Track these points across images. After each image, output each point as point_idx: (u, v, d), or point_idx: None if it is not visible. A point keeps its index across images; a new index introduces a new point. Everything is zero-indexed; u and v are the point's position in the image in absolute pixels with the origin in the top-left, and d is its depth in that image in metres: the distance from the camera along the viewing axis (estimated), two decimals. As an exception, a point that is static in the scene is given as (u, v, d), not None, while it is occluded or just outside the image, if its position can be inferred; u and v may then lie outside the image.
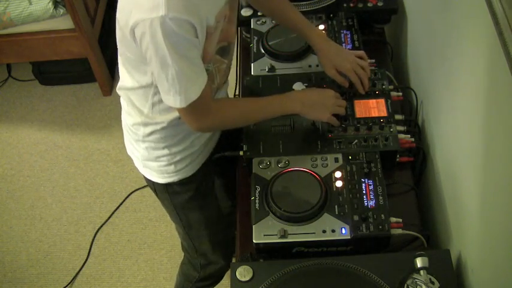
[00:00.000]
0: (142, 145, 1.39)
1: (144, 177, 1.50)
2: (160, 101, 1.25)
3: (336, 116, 1.35)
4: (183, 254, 1.80)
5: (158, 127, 1.33)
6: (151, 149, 1.39)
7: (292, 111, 1.33)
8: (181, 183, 1.45)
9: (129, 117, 1.39)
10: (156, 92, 1.24)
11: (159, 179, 1.45)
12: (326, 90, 1.38)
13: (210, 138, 1.46)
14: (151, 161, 1.42)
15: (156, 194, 1.55)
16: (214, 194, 1.65)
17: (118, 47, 1.26)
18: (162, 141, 1.36)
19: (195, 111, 1.19)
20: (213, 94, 1.34)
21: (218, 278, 1.82)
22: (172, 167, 1.41)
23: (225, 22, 1.22)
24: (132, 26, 1.08)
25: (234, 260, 1.26)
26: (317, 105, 1.34)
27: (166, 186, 1.46)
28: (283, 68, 1.53)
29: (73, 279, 2.25)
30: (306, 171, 1.28)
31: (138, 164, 1.48)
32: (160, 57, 1.08)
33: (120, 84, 1.36)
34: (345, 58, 1.41)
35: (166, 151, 1.38)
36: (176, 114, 1.29)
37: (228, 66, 1.38)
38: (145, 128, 1.34)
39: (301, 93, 1.38)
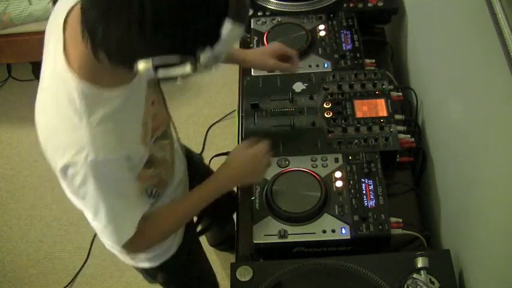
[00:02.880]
0: None
1: (134, 266, 1.45)
2: None
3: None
4: None
5: None
6: None
7: (226, 190, 1.24)
8: (174, 257, 1.39)
9: None
10: None
11: (151, 263, 1.39)
12: (254, 153, 1.23)
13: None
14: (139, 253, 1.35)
15: (150, 277, 1.49)
16: (201, 247, 1.63)
17: None
18: None
19: (130, 245, 1.10)
20: (171, 158, 1.29)
21: None
22: (161, 250, 1.35)
23: (154, 107, 1.13)
24: (63, 168, 0.96)
25: (234, 260, 1.26)
26: (247, 171, 1.23)
27: (160, 267, 1.40)
28: (283, 68, 1.53)
29: (73, 279, 2.25)
30: (306, 171, 1.28)
31: (125, 258, 1.40)
32: (93, 202, 1.00)
33: None
34: (267, 47, 1.43)
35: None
36: (146, 207, 1.21)
37: (172, 140, 1.30)
38: None
39: (225, 171, 1.23)
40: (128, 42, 0.80)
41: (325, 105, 1.42)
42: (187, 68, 0.83)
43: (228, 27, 0.81)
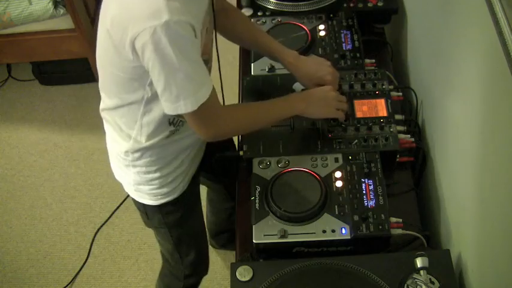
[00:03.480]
0: (133, 170, 1.37)
1: (134, 200, 1.48)
2: (149, 122, 1.24)
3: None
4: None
5: (148, 150, 1.31)
6: (142, 173, 1.37)
7: (298, 112, 1.31)
8: (174, 202, 1.44)
9: (115, 145, 1.36)
10: (146, 112, 1.23)
11: (152, 201, 1.43)
12: (325, 87, 1.35)
13: (197, 153, 1.44)
14: (143, 185, 1.40)
15: (146, 216, 1.52)
16: (201, 206, 1.64)
17: (101, 70, 1.24)
18: (153, 164, 1.34)
19: (205, 115, 1.16)
20: None
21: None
22: (165, 189, 1.40)
23: (206, 35, 1.21)
24: (131, 39, 1.05)
25: (234, 260, 1.26)
26: (321, 103, 1.32)
27: (159, 207, 1.44)
28: (283, 68, 1.53)
29: (73, 279, 2.25)
30: (306, 171, 1.28)
31: (128, 188, 1.45)
32: (168, 64, 1.05)
33: (103, 105, 1.33)
34: (322, 70, 1.39)
35: (158, 174, 1.36)
36: (165, 134, 1.28)
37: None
38: (134, 153, 1.32)
39: (303, 93, 1.37)
40: None
41: (325, 105, 1.41)
42: None
43: None
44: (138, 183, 1.40)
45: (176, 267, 1.69)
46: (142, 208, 1.49)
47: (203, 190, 1.77)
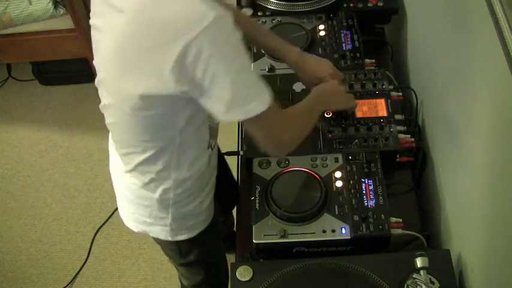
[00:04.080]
0: (172, 209, 1.26)
1: (167, 241, 1.35)
2: (184, 152, 1.16)
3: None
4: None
5: (189, 181, 1.22)
6: (181, 207, 1.26)
7: (323, 108, 1.33)
8: (207, 230, 1.36)
9: (146, 189, 1.23)
10: (181, 145, 1.13)
11: (188, 234, 1.33)
12: (332, 81, 1.35)
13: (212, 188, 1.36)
14: (182, 220, 1.30)
15: (180, 254, 1.41)
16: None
17: (119, 121, 1.12)
18: (193, 192, 1.25)
19: (274, 118, 1.05)
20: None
21: None
22: (201, 217, 1.32)
23: None
24: (181, 53, 0.91)
25: (234, 260, 1.26)
26: (337, 95, 1.34)
27: (196, 238, 1.35)
28: (283, 68, 1.53)
29: (73, 279, 2.25)
30: (306, 171, 1.28)
31: (162, 234, 1.32)
32: (230, 62, 0.95)
33: (127, 166, 1.22)
34: (323, 71, 1.36)
35: (196, 202, 1.28)
36: (204, 160, 1.21)
37: None
38: (176, 189, 1.22)
39: (318, 92, 1.29)
40: None
41: (325, 105, 1.41)
42: None
43: None
44: (178, 220, 1.29)
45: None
46: (175, 246, 1.37)
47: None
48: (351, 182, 1.26)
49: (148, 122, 1.07)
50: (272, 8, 1.70)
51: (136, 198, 1.28)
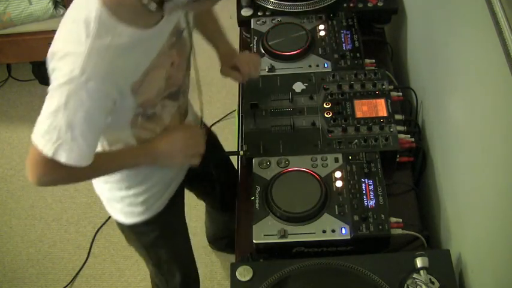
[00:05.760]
0: (105, 186, 1.36)
1: (112, 217, 1.47)
2: (116, 141, 1.21)
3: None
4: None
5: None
6: (114, 190, 1.35)
7: (145, 165, 1.27)
8: (147, 223, 1.41)
9: None
10: (108, 132, 1.18)
11: (125, 219, 1.41)
12: (177, 134, 1.26)
13: (176, 176, 1.42)
14: (115, 202, 1.39)
15: (123, 233, 1.51)
16: (184, 227, 1.62)
17: None
18: (123, 182, 1.32)
19: (46, 167, 1.05)
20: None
21: None
22: (136, 208, 1.37)
23: (173, 69, 1.16)
24: (51, 55, 1.00)
25: (234, 260, 1.26)
26: (169, 156, 1.24)
27: (132, 226, 1.42)
28: (283, 68, 1.53)
29: (73, 279, 2.25)
30: (306, 171, 1.28)
31: (105, 203, 1.44)
32: (63, 105, 0.98)
33: None
34: (241, 56, 1.41)
35: (128, 192, 1.34)
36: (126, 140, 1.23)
37: (182, 107, 1.32)
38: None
39: (149, 148, 1.23)
40: None
41: (325, 105, 1.42)
42: None
43: None
44: (112, 200, 1.39)
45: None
46: (119, 226, 1.47)
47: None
48: (351, 182, 1.26)
49: None
50: (272, 8, 1.70)
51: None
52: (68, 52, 0.98)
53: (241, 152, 1.37)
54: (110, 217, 2.39)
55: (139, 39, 1.04)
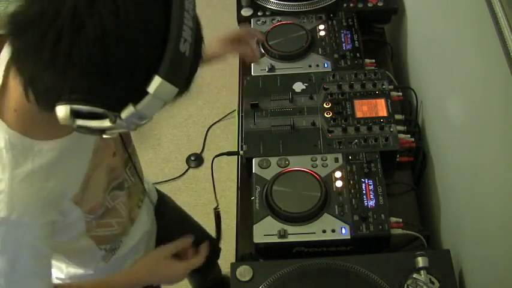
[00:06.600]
0: None
1: None
2: (73, 252, 1.13)
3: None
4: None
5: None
6: None
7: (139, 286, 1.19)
8: None
9: None
10: (61, 248, 1.09)
11: None
12: (160, 253, 1.22)
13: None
14: None
15: None
16: None
17: None
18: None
19: None
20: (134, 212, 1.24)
21: None
22: None
23: (115, 158, 1.09)
24: None
25: (234, 260, 1.26)
26: (163, 278, 1.22)
27: None
28: (283, 68, 1.53)
29: (73, 279, 2.25)
30: (306, 171, 1.28)
31: None
32: None
33: None
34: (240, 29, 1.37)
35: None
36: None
37: (133, 188, 1.21)
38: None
39: (147, 273, 1.19)
40: (50, 81, 0.71)
41: (325, 105, 1.42)
42: (105, 122, 0.73)
43: (156, 85, 0.70)
44: None
45: None
46: None
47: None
48: (351, 182, 1.26)
49: None
50: (272, 8, 1.70)
51: None
52: None
53: (241, 152, 1.37)
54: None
55: (65, 148, 0.91)
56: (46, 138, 0.88)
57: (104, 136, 0.78)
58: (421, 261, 1.09)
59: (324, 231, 1.19)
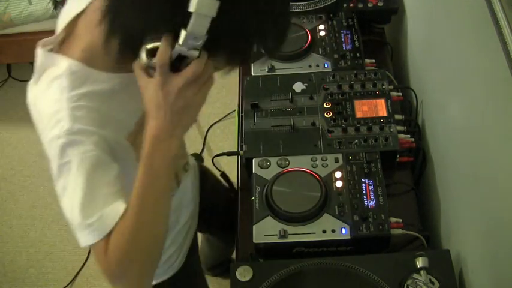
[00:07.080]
0: None
1: None
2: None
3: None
4: None
5: None
6: None
7: (173, 153, 0.90)
8: (170, 281, 1.37)
9: None
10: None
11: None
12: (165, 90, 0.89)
13: (192, 224, 1.41)
14: None
15: None
16: (201, 268, 1.60)
17: None
18: None
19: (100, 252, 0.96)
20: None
21: None
22: (159, 270, 1.30)
23: None
24: (47, 145, 0.93)
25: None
26: (181, 118, 0.89)
27: (156, 286, 1.36)
28: (283, 68, 1.53)
29: (73, 279, 2.25)
30: (306, 171, 1.28)
31: None
32: (70, 181, 0.90)
33: None
34: None
35: None
36: None
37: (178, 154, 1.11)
38: None
39: (155, 126, 0.88)
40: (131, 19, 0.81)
41: (325, 105, 1.42)
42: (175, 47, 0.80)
43: (195, 1, 0.75)
44: None
45: None
46: None
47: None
48: (351, 182, 1.26)
49: None
50: (272, 8, 1.70)
51: None
52: (51, 115, 0.90)
53: (241, 152, 1.37)
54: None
55: (123, 83, 0.94)
56: (106, 70, 0.94)
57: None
58: (421, 261, 1.09)
59: (324, 232, 1.19)
